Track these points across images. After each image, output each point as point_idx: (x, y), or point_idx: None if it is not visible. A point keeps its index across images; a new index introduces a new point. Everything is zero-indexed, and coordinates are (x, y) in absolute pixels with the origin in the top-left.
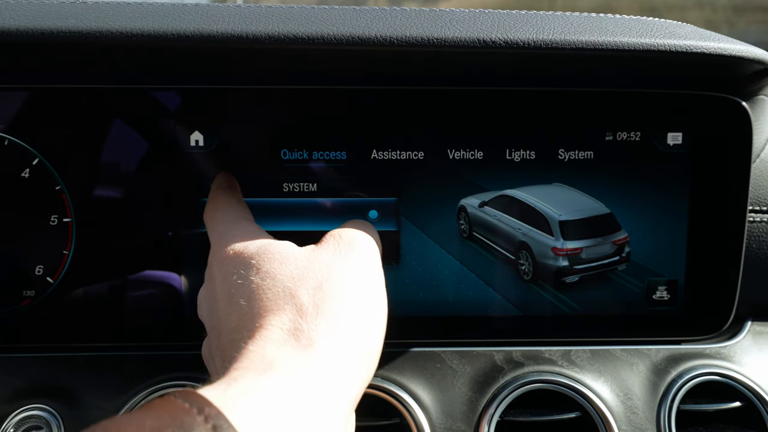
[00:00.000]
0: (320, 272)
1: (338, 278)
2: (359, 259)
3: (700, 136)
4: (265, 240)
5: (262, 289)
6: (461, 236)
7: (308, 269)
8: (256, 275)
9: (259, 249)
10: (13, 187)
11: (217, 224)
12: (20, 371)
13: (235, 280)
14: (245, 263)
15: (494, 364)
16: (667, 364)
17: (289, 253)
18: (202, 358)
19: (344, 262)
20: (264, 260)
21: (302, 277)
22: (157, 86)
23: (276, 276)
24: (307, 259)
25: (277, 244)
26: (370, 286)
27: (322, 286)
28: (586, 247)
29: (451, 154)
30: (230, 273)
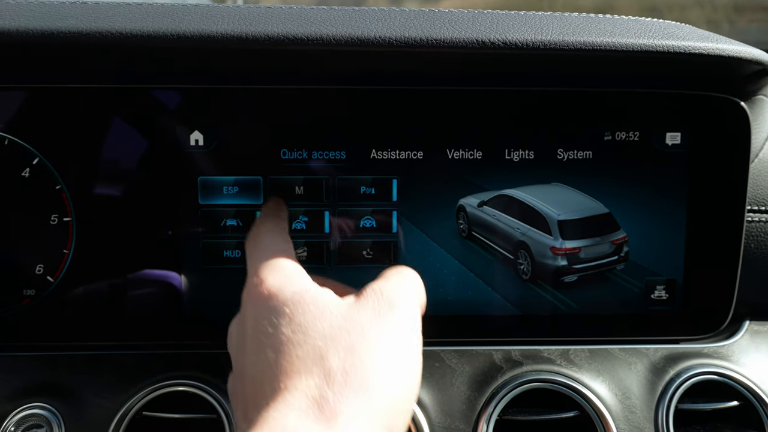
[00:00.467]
0: (355, 334)
1: (373, 344)
2: (398, 324)
3: (699, 136)
4: (302, 285)
5: (292, 344)
6: (460, 236)
7: (343, 328)
8: (287, 326)
9: (295, 296)
10: (14, 187)
11: (256, 255)
12: (20, 370)
13: (265, 327)
14: (278, 310)
15: (493, 363)
16: (665, 364)
17: (325, 307)
18: (201, 357)
19: (382, 326)
20: (298, 311)
21: (335, 337)
22: (157, 86)
23: (308, 331)
24: (343, 317)
25: (315, 293)
26: (405, 355)
27: (355, 351)
28: (585, 247)
29: (450, 153)
30: (262, 317)
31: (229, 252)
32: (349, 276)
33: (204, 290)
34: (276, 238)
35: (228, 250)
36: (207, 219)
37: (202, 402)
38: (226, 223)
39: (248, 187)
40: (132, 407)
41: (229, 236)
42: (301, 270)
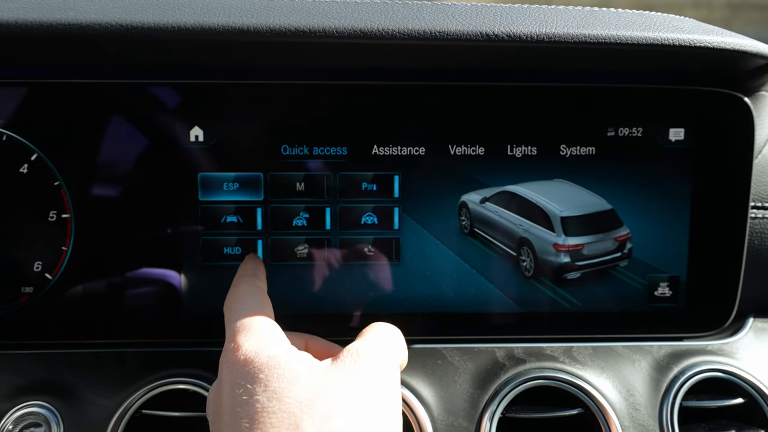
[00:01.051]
0: (331, 399)
1: (350, 410)
2: (376, 387)
3: (703, 132)
4: (277, 350)
5: (266, 412)
6: (462, 232)
7: (318, 394)
8: (262, 393)
9: (270, 361)
10: (12, 183)
11: (233, 318)
12: (19, 368)
13: (240, 395)
14: (253, 376)
15: (496, 360)
16: (669, 361)
17: (300, 372)
18: (201, 354)
19: (359, 390)
20: (272, 377)
21: (311, 404)
22: (157, 81)
23: (282, 398)
24: (318, 382)
25: (289, 357)
26: (383, 419)
27: (331, 417)
28: (588, 244)
29: (452, 149)
30: (237, 384)
31: (228, 249)
32: (350, 274)
33: (203, 287)
34: (253, 300)
35: (228, 247)
36: (207, 216)
37: (201, 400)
38: (226, 219)
39: (249, 183)
40: (131, 405)
41: (229, 233)
42: (279, 332)
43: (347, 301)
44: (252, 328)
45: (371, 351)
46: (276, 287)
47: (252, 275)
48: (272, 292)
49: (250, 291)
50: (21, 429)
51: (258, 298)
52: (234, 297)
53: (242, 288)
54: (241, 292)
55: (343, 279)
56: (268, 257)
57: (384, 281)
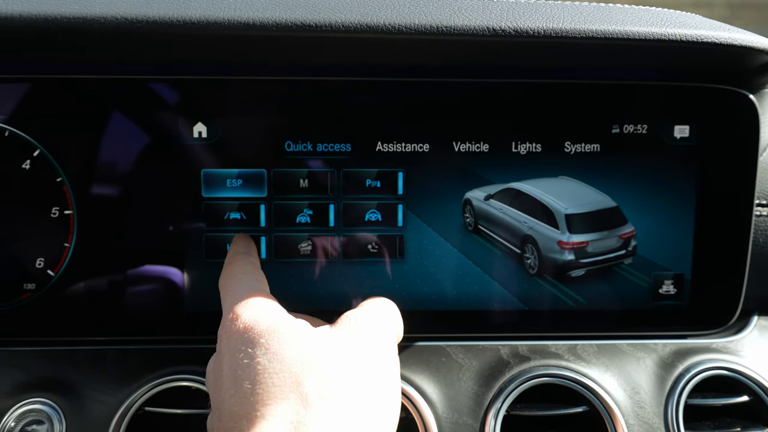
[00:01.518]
0: (330, 359)
1: (349, 368)
2: (374, 349)
3: (708, 128)
4: (277, 317)
5: (268, 373)
6: (466, 230)
7: (318, 354)
8: (263, 356)
9: (270, 327)
10: (14, 179)
11: (230, 293)
12: (21, 365)
13: (241, 359)
14: (253, 341)
15: (500, 358)
16: (674, 359)
17: (300, 334)
18: (204, 351)
19: (357, 350)
20: (273, 340)
21: (311, 363)
22: (160, 77)
23: (284, 359)
24: (319, 343)
25: (289, 322)
26: (382, 379)
27: (331, 375)
28: (593, 241)
29: (456, 146)
30: (237, 350)
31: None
32: (353, 270)
33: (206, 284)
34: (248, 275)
35: (231, 244)
36: (210, 212)
37: (204, 397)
38: (229, 216)
39: (252, 179)
40: (134, 402)
41: (233, 230)
42: (276, 304)
43: (350, 298)
44: (250, 301)
45: (368, 316)
46: (279, 284)
47: (245, 252)
48: (275, 288)
49: (244, 268)
50: (23, 426)
51: (253, 273)
52: (229, 274)
53: (237, 265)
54: (236, 269)
55: (346, 276)
56: (272, 254)
57: (387, 278)
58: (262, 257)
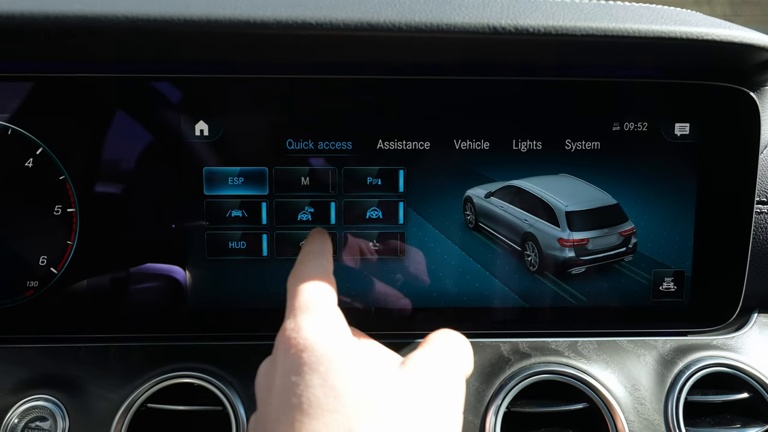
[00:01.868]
0: (392, 409)
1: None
2: (442, 404)
3: (708, 126)
4: (341, 341)
5: (321, 410)
6: (467, 227)
7: (379, 401)
8: (320, 388)
9: (331, 354)
10: (17, 177)
11: (296, 296)
12: (24, 362)
13: (296, 383)
14: (311, 366)
15: (501, 355)
16: (675, 356)
17: (363, 373)
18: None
19: (424, 405)
20: (332, 372)
21: (370, 410)
22: (162, 75)
23: (341, 398)
24: (382, 388)
25: (353, 353)
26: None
27: (385, 423)
28: (593, 238)
29: (457, 144)
30: (293, 370)
31: (234, 243)
32: (354, 268)
33: (208, 282)
34: (319, 280)
35: (233, 242)
36: (212, 210)
37: (207, 394)
38: (231, 214)
39: (254, 177)
40: (137, 399)
41: (234, 227)
42: (342, 320)
43: (351, 296)
44: (315, 311)
45: (439, 363)
46: (281, 282)
47: (320, 253)
48: (276, 286)
49: (317, 271)
50: (26, 422)
51: (324, 278)
52: (300, 275)
53: (310, 266)
54: (307, 270)
55: (347, 274)
56: (273, 252)
57: (388, 276)
58: (263, 255)
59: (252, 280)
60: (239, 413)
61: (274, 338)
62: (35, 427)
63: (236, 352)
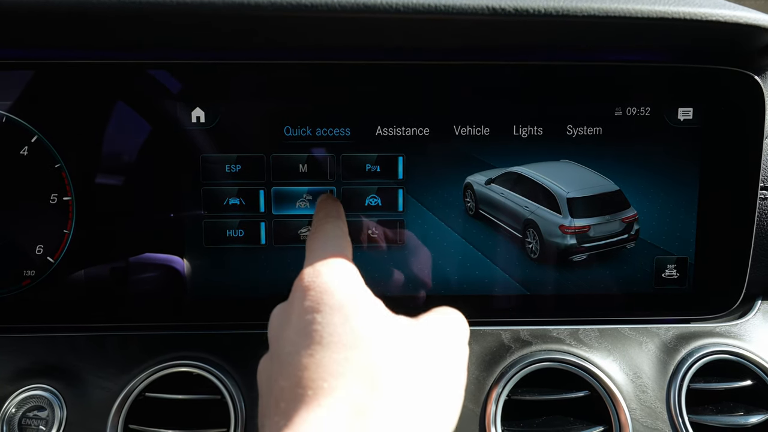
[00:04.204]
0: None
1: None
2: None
3: (712, 111)
4: (360, 288)
5: (343, 345)
6: (467, 214)
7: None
8: (342, 326)
9: (352, 297)
10: (12, 166)
11: (315, 251)
12: (21, 351)
13: (315, 319)
14: (333, 306)
15: (501, 343)
16: (677, 343)
17: (383, 318)
18: (204, 338)
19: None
20: (355, 313)
21: (389, 348)
22: (158, 61)
23: (363, 338)
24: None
25: (372, 300)
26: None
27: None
28: (594, 225)
29: (457, 130)
30: (313, 309)
31: (231, 231)
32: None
33: (206, 270)
34: (336, 240)
35: (231, 230)
36: (209, 198)
37: (205, 383)
38: (228, 202)
39: (251, 165)
40: (135, 388)
41: (232, 215)
42: (359, 276)
43: None
44: (334, 263)
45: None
46: (278, 270)
47: (336, 216)
48: (274, 273)
49: (335, 233)
50: (24, 412)
51: (342, 239)
52: (318, 236)
53: (328, 227)
54: (327, 231)
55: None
56: (271, 240)
57: (388, 263)
58: (261, 243)
59: (250, 269)
60: (238, 402)
61: None
62: (33, 416)
63: (234, 341)
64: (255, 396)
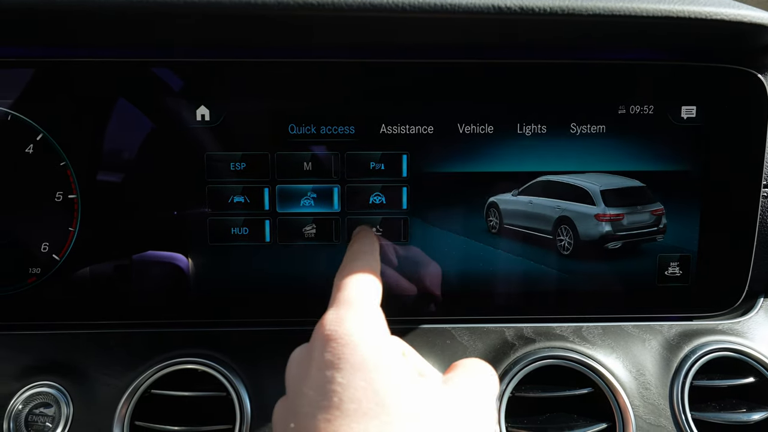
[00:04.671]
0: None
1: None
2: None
3: (715, 109)
4: (385, 342)
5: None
6: (490, 233)
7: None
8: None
9: (376, 357)
10: (18, 164)
11: (342, 291)
12: (28, 348)
13: (335, 379)
14: (354, 366)
15: (505, 340)
16: (680, 340)
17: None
18: (210, 335)
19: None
20: (378, 375)
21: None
22: (163, 60)
23: (385, 405)
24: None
25: (398, 359)
26: None
27: None
28: (627, 214)
29: (461, 128)
30: (332, 365)
31: (236, 229)
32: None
33: (211, 268)
34: (368, 279)
35: (235, 228)
36: (214, 196)
37: (211, 380)
38: (233, 200)
39: (256, 163)
40: (141, 385)
41: (237, 213)
42: (384, 323)
43: None
44: (360, 307)
45: (477, 386)
46: (283, 268)
47: (369, 252)
48: (279, 271)
49: (366, 268)
50: (31, 408)
51: (373, 277)
52: (348, 271)
53: (359, 263)
54: (356, 267)
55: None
56: (276, 238)
57: (392, 262)
58: (266, 240)
59: (255, 267)
60: (243, 399)
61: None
62: (39, 413)
63: (240, 338)
64: (260, 393)
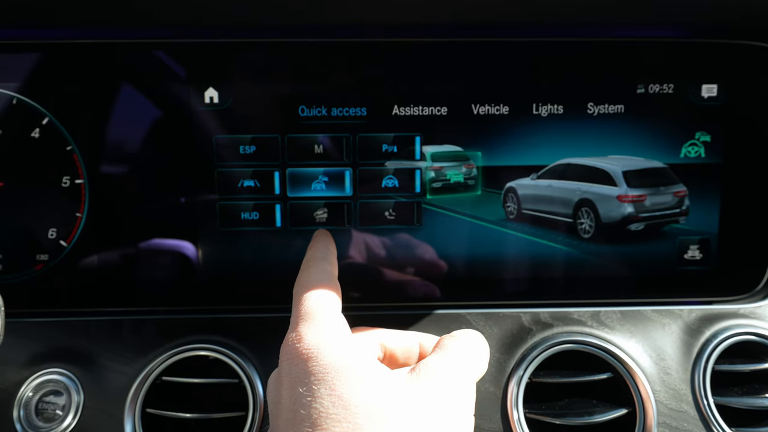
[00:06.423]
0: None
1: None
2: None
3: (737, 87)
4: (344, 346)
5: (330, 419)
6: (508, 218)
7: (388, 409)
8: (327, 398)
9: (336, 363)
10: (24, 148)
11: (299, 305)
12: (37, 335)
13: (303, 395)
14: (317, 377)
15: (521, 325)
16: (701, 325)
17: (370, 379)
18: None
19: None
20: (339, 380)
21: (379, 419)
22: (170, 41)
23: (349, 406)
24: (386, 392)
25: (357, 359)
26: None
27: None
28: (650, 195)
29: (475, 108)
30: (299, 380)
31: (246, 214)
32: (370, 238)
33: (221, 253)
34: (321, 286)
35: (245, 212)
36: (223, 180)
37: (222, 366)
38: (243, 184)
39: (265, 146)
40: (152, 372)
41: (247, 198)
42: (345, 327)
43: (368, 267)
44: (317, 319)
45: (450, 367)
46: (294, 253)
47: (322, 258)
48: (290, 256)
49: (318, 277)
50: (41, 396)
51: (328, 285)
52: (303, 282)
53: (311, 272)
54: (310, 277)
55: (363, 244)
56: (287, 222)
57: (405, 246)
58: (277, 225)
59: (265, 252)
60: (256, 386)
61: (289, 310)
62: (49, 401)
63: (251, 324)
64: None
